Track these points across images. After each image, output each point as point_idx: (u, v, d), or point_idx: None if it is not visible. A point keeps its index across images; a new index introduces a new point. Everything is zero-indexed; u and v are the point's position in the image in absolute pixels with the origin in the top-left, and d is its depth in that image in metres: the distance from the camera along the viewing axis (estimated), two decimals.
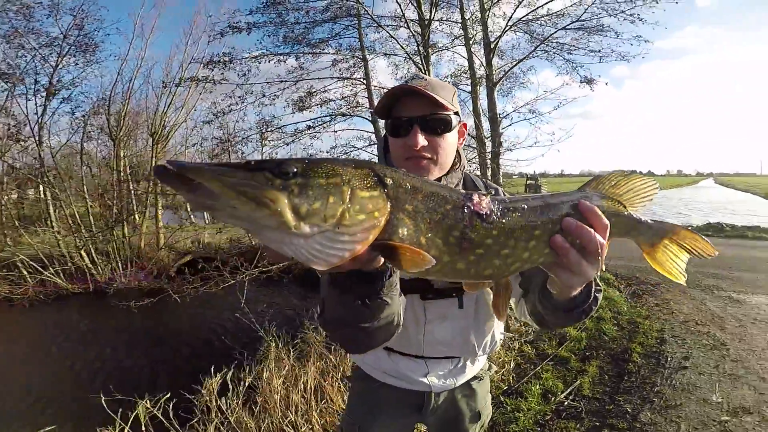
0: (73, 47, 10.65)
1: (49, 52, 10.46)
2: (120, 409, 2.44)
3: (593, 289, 0.87)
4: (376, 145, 8.22)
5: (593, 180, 0.79)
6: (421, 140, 1.06)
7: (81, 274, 10.49)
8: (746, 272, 6.96)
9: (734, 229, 12.61)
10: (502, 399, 3.19)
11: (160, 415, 2.34)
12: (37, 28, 10.28)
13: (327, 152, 8.26)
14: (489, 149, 7.69)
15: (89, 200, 11.72)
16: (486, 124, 8.49)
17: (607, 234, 0.70)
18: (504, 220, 0.64)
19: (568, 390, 3.27)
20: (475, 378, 1.43)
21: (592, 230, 0.68)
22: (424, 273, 0.59)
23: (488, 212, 0.63)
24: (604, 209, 0.72)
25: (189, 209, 21.05)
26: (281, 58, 7.91)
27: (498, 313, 0.78)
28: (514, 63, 8.29)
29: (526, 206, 0.67)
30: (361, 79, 8.26)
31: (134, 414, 2.36)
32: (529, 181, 28.75)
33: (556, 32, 7.81)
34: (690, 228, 0.81)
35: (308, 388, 2.87)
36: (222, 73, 7.86)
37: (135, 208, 12.19)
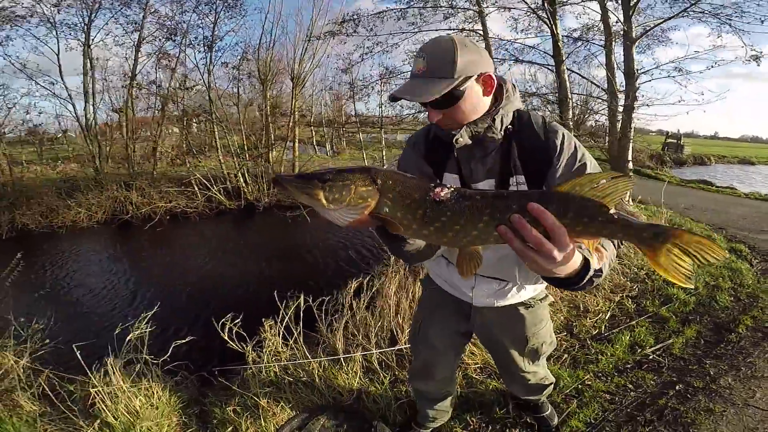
0: (225, 3, 12.37)
1: (208, 9, 12.40)
2: (282, 303, 3.12)
3: (589, 275, 0.90)
4: None
5: (568, 182, 0.80)
6: (436, 117, 1.24)
7: (236, 192, 12.29)
8: None
9: None
10: (588, 342, 3.43)
11: (314, 308, 3.20)
12: None
13: None
14: (621, 102, 7.27)
15: (244, 133, 13.95)
16: (620, 78, 8.56)
17: (560, 234, 0.75)
18: (456, 206, 0.85)
19: (658, 346, 3.39)
20: (522, 304, 1.54)
21: (532, 229, 0.75)
22: (406, 234, 0.90)
23: (443, 199, 0.86)
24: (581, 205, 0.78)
25: (315, 143, 24.19)
26: (401, 12, 8.98)
27: (461, 272, 0.94)
28: (658, 22, 7.73)
29: (478, 197, 0.85)
30: (479, 31, 8.42)
31: (293, 307, 3.10)
32: (669, 140, 24.58)
33: None
34: (692, 231, 0.76)
35: (416, 297, 3.47)
36: (354, 30, 9.53)
37: (272, 140, 14.08)
